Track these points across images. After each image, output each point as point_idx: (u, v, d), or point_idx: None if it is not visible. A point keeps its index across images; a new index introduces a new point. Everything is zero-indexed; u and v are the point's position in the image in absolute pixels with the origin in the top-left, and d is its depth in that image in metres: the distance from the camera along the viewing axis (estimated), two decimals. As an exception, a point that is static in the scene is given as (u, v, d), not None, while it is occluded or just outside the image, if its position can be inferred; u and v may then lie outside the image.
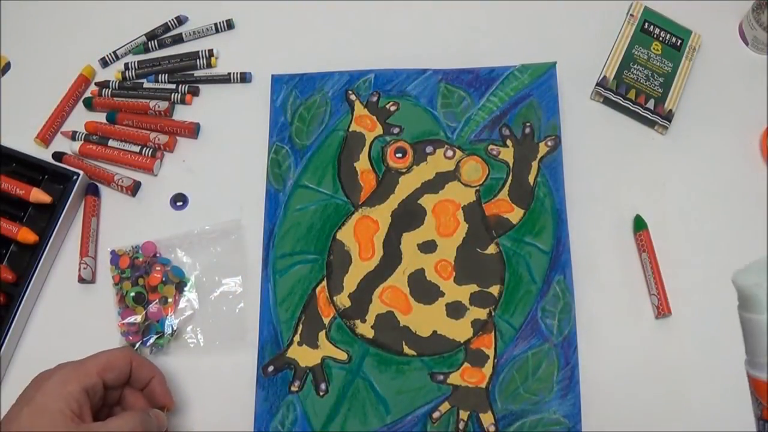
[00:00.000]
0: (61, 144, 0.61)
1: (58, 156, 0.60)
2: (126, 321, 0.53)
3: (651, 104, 0.58)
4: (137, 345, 0.53)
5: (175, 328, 0.53)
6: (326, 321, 0.53)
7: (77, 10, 0.66)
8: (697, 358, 0.52)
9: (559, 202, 0.55)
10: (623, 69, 0.59)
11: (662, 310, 0.52)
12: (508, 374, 0.51)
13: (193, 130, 0.60)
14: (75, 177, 0.57)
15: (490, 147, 0.57)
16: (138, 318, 0.53)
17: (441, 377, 0.52)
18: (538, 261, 0.54)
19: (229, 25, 0.64)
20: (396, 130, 0.58)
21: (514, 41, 0.62)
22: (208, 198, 0.58)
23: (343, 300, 0.54)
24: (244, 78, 0.62)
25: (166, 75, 0.62)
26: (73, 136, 0.61)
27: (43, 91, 0.62)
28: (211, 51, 0.63)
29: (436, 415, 0.51)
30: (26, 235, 0.55)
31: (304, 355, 0.52)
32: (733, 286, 0.32)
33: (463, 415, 0.51)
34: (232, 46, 0.64)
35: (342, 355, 0.52)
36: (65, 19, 0.65)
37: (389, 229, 0.55)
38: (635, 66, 0.59)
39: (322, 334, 0.53)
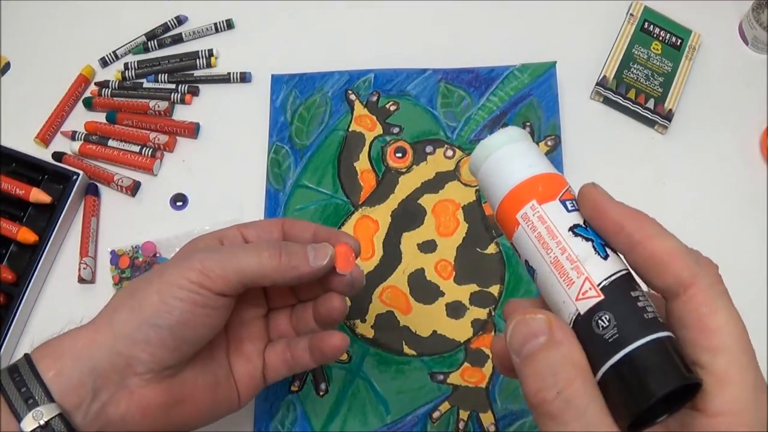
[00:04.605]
0: (60, 144, 0.61)
1: (57, 156, 0.60)
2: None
3: (651, 104, 0.58)
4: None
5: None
6: (326, 321, 0.53)
7: (77, 10, 0.66)
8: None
9: (559, 201, 0.55)
10: (623, 69, 0.59)
11: (662, 309, 0.52)
12: (508, 374, 0.51)
13: (192, 130, 0.60)
14: (75, 177, 0.57)
15: (490, 147, 0.57)
16: (138, 318, 0.53)
17: (441, 377, 0.51)
18: (538, 261, 0.54)
19: (229, 25, 0.64)
20: (396, 130, 0.58)
21: (514, 41, 0.62)
22: (208, 198, 0.58)
23: (343, 300, 0.54)
24: (244, 78, 0.62)
25: (166, 75, 0.62)
26: (73, 136, 0.61)
27: (43, 91, 0.62)
28: (210, 51, 0.63)
29: (436, 414, 0.51)
30: (26, 235, 0.55)
31: (304, 355, 0.52)
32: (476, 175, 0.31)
33: (463, 414, 0.51)
34: (231, 46, 0.64)
35: (342, 355, 0.52)
36: (65, 19, 0.65)
37: (389, 229, 0.55)
38: (635, 66, 0.59)
39: (322, 334, 0.53)
